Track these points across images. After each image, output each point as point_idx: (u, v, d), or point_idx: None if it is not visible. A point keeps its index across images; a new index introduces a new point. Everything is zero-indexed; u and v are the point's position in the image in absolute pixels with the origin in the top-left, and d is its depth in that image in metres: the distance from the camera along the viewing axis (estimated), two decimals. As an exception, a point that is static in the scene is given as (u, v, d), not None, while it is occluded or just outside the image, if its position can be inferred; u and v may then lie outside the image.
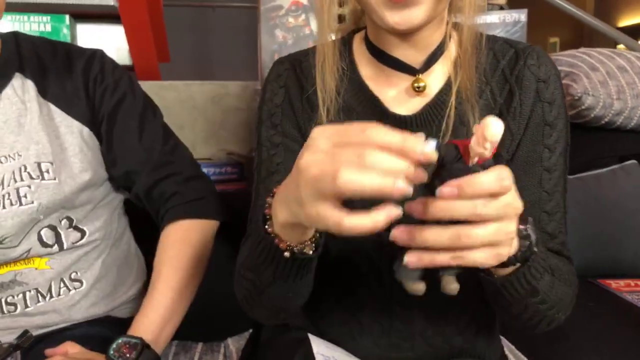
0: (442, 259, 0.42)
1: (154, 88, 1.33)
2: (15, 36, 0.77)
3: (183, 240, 0.78)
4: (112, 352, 0.66)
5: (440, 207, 0.40)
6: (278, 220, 0.47)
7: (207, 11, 4.36)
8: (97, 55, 0.80)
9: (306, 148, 0.41)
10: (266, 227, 0.50)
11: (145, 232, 0.95)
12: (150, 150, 0.81)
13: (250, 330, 1.01)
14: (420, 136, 0.38)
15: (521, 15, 1.40)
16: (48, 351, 0.66)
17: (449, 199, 0.40)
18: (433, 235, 0.41)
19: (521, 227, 0.48)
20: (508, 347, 0.97)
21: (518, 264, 0.50)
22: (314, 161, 0.39)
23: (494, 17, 1.39)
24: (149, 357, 0.68)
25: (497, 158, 0.42)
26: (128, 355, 0.66)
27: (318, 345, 0.68)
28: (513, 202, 0.42)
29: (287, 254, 0.50)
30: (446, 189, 0.39)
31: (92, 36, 1.91)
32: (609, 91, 1.35)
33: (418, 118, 0.63)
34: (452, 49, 0.64)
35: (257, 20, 1.50)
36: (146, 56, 1.94)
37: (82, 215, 0.79)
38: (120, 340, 0.67)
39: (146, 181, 0.80)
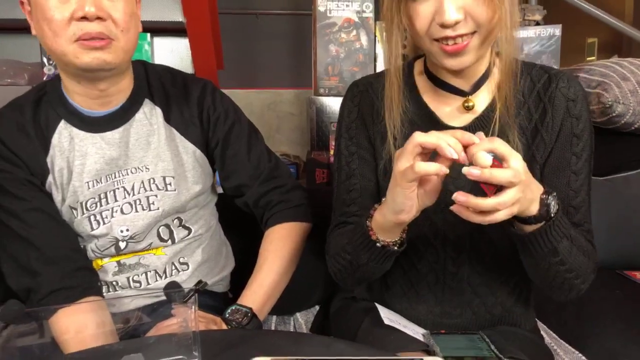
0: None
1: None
2: (144, 66, 0.96)
3: (285, 237, 0.97)
4: (227, 315, 0.84)
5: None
6: (378, 224, 0.71)
7: (250, 18, 4.55)
8: (208, 88, 0.97)
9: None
10: (368, 228, 0.72)
11: (231, 225, 1.14)
12: (258, 167, 0.99)
13: (317, 307, 1.19)
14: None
15: (556, 30, 1.52)
16: (174, 311, 0.85)
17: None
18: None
19: (543, 196, 0.65)
20: (541, 327, 1.11)
21: (540, 224, 0.66)
22: (397, 166, 0.65)
23: (530, 32, 1.52)
24: (256, 323, 0.86)
25: None
26: (240, 319, 0.84)
27: (384, 312, 0.85)
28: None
29: (378, 244, 0.72)
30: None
31: (163, 49, 2.12)
32: (638, 100, 1.46)
33: (468, 129, 0.78)
34: (495, 74, 0.79)
35: (300, 29, 1.66)
36: (207, 66, 2.14)
37: (189, 217, 0.97)
38: (233, 307, 0.86)
39: (256, 192, 0.99)
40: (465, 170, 0.60)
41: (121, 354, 0.61)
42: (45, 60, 1.66)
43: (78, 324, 0.80)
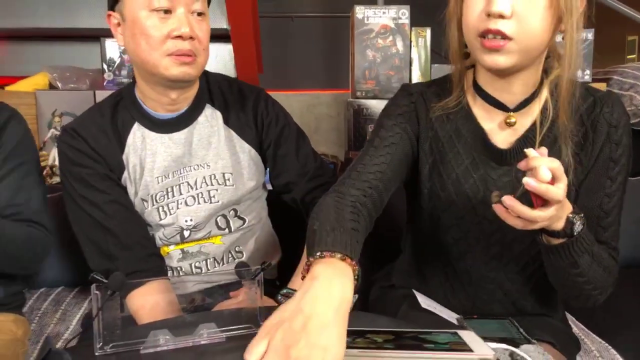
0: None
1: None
2: (205, 75, 1.07)
3: None
4: (280, 297, 0.94)
5: None
6: None
7: (285, 21, 4.68)
8: (262, 94, 1.09)
9: None
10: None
11: (278, 220, 1.24)
12: (305, 167, 1.09)
13: (356, 295, 1.28)
14: None
15: (588, 34, 1.56)
16: (232, 293, 0.95)
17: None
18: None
19: (570, 215, 0.70)
20: (569, 318, 1.17)
21: (564, 239, 0.72)
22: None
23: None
24: None
25: None
26: None
27: (421, 298, 0.93)
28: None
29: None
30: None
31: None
32: (671, 102, 1.49)
33: (512, 151, 0.82)
34: (543, 95, 0.80)
35: (334, 30, 1.74)
36: (249, 70, 2.26)
37: (244, 208, 1.08)
38: (284, 291, 0.96)
39: (302, 189, 1.09)
40: (525, 180, 0.64)
41: (196, 323, 0.72)
42: (105, 67, 1.81)
43: (152, 301, 0.92)
